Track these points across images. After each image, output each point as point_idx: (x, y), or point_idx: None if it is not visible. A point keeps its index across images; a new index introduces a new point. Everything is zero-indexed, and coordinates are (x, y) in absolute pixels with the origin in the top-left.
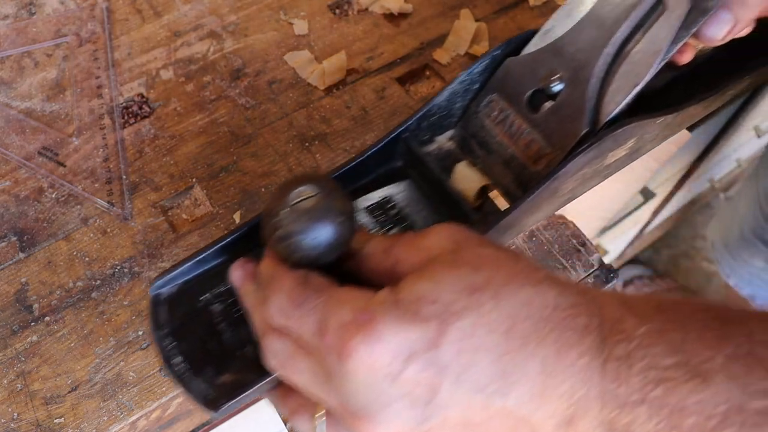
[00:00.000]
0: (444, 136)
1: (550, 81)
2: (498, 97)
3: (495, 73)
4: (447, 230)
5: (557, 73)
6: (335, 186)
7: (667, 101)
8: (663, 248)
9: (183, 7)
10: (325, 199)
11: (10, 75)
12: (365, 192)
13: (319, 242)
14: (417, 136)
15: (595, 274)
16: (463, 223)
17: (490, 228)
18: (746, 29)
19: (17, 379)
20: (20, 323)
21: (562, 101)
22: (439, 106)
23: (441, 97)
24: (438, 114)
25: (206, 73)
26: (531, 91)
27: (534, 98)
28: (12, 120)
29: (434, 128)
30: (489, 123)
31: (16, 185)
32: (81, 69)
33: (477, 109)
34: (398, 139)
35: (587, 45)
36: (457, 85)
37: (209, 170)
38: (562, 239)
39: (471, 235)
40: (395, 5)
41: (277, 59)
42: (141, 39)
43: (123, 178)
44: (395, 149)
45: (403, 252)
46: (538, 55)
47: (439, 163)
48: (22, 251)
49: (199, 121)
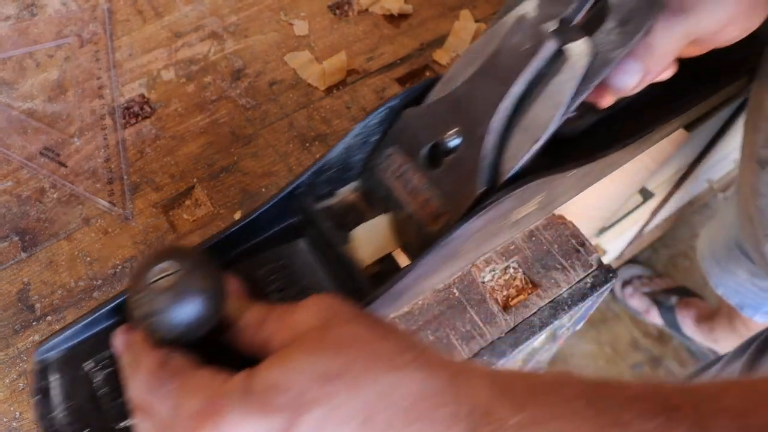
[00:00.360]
0: (347, 188)
1: (447, 135)
2: (397, 150)
3: (393, 125)
4: (318, 305)
5: (453, 128)
6: (199, 260)
7: (589, 146)
8: (662, 248)
9: (184, 8)
10: (185, 276)
11: (12, 76)
12: (260, 250)
13: (178, 323)
14: (314, 190)
15: (594, 274)
16: (355, 288)
17: (383, 293)
18: (666, 73)
19: (19, 378)
20: (22, 323)
21: (459, 158)
22: (334, 161)
23: (334, 152)
24: (335, 168)
25: (207, 74)
26: (429, 145)
27: (433, 153)
28: (14, 120)
29: (334, 181)
30: (389, 177)
31: (17, 185)
32: (82, 70)
33: (376, 162)
34: (293, 195)
35: (483, 98)
36: (353, 139)
37: (210, 170)
38: (561, 239)
39: (343, 311)
40: (395, 6)
41: (277, 60)
42: (142, 40)
43: (124, 179)
44: (291, 205)
45: (274, 327)
46: (435, 107)
47: (341, 218)
48: (23, 251)
49: (200, 121)
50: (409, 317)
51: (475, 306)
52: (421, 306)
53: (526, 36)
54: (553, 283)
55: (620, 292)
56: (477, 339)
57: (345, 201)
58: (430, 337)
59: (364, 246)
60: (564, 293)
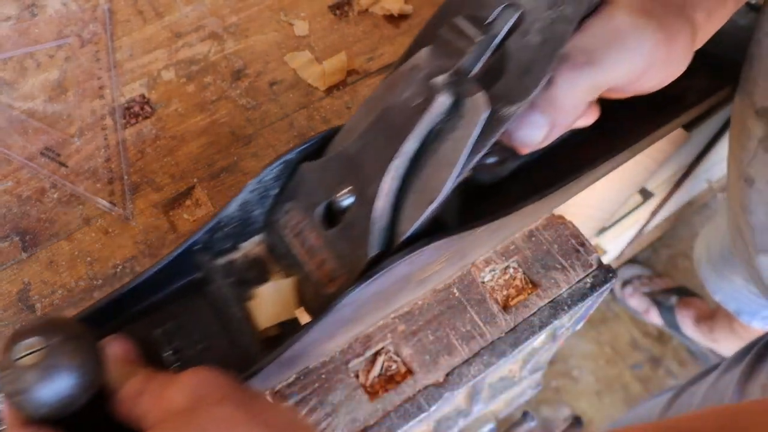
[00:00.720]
0: (252, 242)
1: (340, 195)
2: (295, 205)
3: (291, 179)
4: (192, 381)
5: (346, 186)
6: (70, 333)
7: (509, 194)
8: (661, 248)
9: (184, 8)
10: (52, 352)
11: (13, 76)
12: (159, 308)
13: (45, 401)
14: (213, 246)
15: (594, 274)
16: (245, 354)
17: (273, 359)
18: (585, 120)
19: None
20: (22, 323)
21: (351, 219)
22: (229, 218)
23: (229, 209)
24: (233, 224)
25: (207, 74)
26: (324, 203)
27: (329, 211)
28: (14, 121)
29: (236, 236)
30: (288, 234)
31: (18, 185)
32: (83, 70)
33: (276, 217)
34: (190, 251)
35: (375, 156)
36: (248, 195)
37: (210, 170)
38: (561, 239)
39: (216, 389)
40: (395, 6)
41: (277, 60)
42: (142, 40)
43: (124, 179)
44: (191, 261)
45: (148, 403)
46: (329, 162)
47: (244, 273)
48: (24, 251)
49: (200, 121)
50: (409, 317)
51: (475, 306)
52: (421, 306)
53: (418, 90)
54: (553, 283)
55: (620, 292)
56: (477, 339)
57: (249, 255)
58: (430, 337)
59: (265, 307)
60: (564, 293)
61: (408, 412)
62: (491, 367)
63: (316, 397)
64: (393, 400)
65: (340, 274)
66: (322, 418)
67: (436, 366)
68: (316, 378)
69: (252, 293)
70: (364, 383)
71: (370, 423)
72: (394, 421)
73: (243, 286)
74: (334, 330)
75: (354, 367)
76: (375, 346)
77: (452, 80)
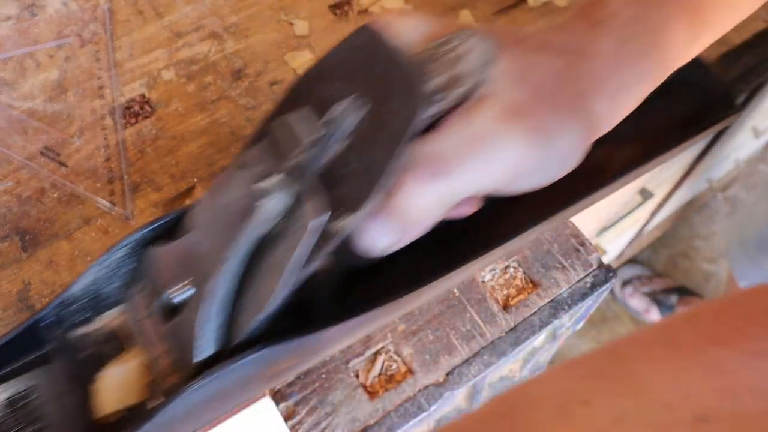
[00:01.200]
0: (112, 313)
1: (175, 289)
2: (143, 289)
3: (140, 260)
4: None
5: (184, 280)
6: None
7: (384, 281)
8: (662, 248)
9: (184, 8)
10: None
11: (13, 76)
12: (5, 379)
13: None
14: (66, 319)
15: (594, 273)
16: None
17: None
18: (458, 214)
19: None
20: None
21: (185, 316)
22: (78, 294)
23: (76, 287)
24: (85, 299)
25: (207, 74)
26: (164, 294)
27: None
28: (14, 120)
29: (91, 309)
30: (139, 315)
31: (18, 185)
32: (83, 70)
33: (131, 293)
34: (38, 326)
35: (207, 255)
36: (96, 273)
37: (210, 170)
38: (561, 239)
39: None
40: (395, 6)
41: (277, 60)
42: (142, 40)
43: (124, 178)
44: (39, 335)
45: None
46: (170, 250)
47: (101, 346)
48: (24, 251)
49: (200, 121)
50: (410, 317)
51: (475, 305)
52: (421, 306)
53: (244, 193)
54: (553, 283)
55: (620, 292)
56: (477, 338)
57: (107, 327)
58: (430, 337)
59: (108, 391)
60: (564, 293)
61: (408, 412)
62: (491, 366)
63: (316, 397)
64: (393, 400)
65: (173, 371)
66: (322, 418)
67: (436, 365)
68: (316, 377)
69: (96, 376)
70: (365, 383)
71: (370, 422)
72: (395, 421)
73: (97, 361)
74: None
75: (354, 367)
76: (375, 346)
77: (283, 182)
